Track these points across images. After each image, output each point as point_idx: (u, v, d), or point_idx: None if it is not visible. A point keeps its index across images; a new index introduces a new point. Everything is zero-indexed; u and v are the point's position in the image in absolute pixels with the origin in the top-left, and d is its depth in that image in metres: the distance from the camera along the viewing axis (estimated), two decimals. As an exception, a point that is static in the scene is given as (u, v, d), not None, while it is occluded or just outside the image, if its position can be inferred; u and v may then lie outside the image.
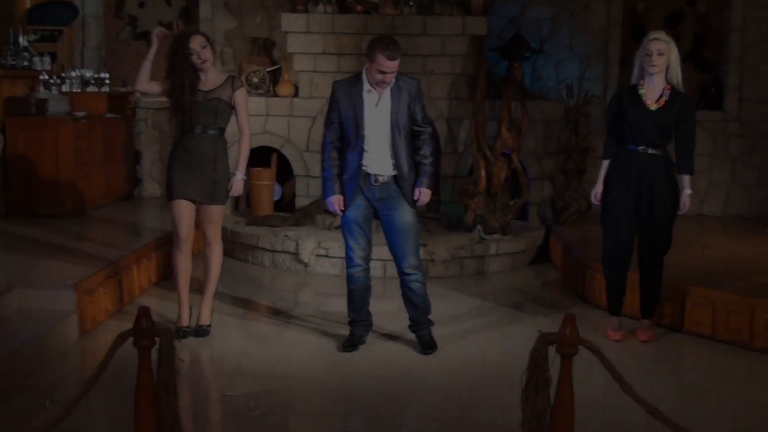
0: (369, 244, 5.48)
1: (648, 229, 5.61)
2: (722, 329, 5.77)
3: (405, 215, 5.36)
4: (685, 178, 5.59)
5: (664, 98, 5.51)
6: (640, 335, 5.80)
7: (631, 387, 3.36)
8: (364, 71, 5.28)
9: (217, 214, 5.69)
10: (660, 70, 5.48)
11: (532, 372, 3.45)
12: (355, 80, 5.32)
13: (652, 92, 5.54)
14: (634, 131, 5.55)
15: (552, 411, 3.42)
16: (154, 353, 3.42)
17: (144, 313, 3.35)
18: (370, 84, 5.23)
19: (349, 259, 5.46)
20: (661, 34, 5.52)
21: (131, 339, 3.33)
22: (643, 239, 5.66)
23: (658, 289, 5.77)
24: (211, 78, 5.60)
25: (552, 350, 3.42)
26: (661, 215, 5.57)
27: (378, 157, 5.28)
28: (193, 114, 5.51)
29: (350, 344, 5.51)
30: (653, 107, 5.50)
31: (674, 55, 5.51)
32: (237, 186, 5.66)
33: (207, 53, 5.52)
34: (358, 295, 5.52)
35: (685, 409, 4.63)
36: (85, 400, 3.37)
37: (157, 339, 3.38)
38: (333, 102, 5.35)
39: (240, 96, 5.62)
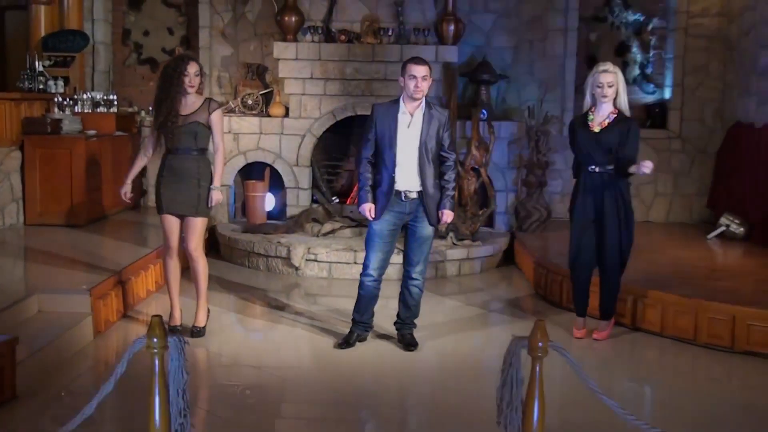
0: (387, 259, 5.45)
1: (604, 239, 5.57)
2: (670, 327, 5.79)
3: (426, 228, 5.37)
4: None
5: (607, 121, 5.48)
6: (595, 334, 5.77)
7: (595, 386, 3.34)
8: (401, 96, 5.30)
9: (201, 225, 5.59)
10: (610, 99, 5.48)
11: (507, 372, 3.43)
12: (393, 103, 5.35)
13: (600, 117, 5.52)
14: (583, 152, 5.56)
15: (525, 406, 3.40)
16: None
17: (157, 320, 3.30)
18: (406, 107, 5.25)
19: (365, 267, 5.43)
20: (610, 66, 5.51)
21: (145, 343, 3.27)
22: (601, 248, 5.62)
23: (615, 294, 5.73)
24: (190, 102, 5.49)
25: (524, 351, 3.40)
26: (613, 227, 5.52)
27: (407, 174, 5.27)
28: (174, 137, 5.43)
29: (345, 342, 5.49)
30: (596, 129, 5.49)
31: (621, 84, 5.50)
32: (214, 196, 5.53)
33: (197, 81, 5.45)
34: (364, 301, 5.49)
35: (636, 400, 4.68)
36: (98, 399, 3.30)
37: (169, 344, 3.33)
38: (371, 121, 5.33)
39: (216, 117, 5.52)
